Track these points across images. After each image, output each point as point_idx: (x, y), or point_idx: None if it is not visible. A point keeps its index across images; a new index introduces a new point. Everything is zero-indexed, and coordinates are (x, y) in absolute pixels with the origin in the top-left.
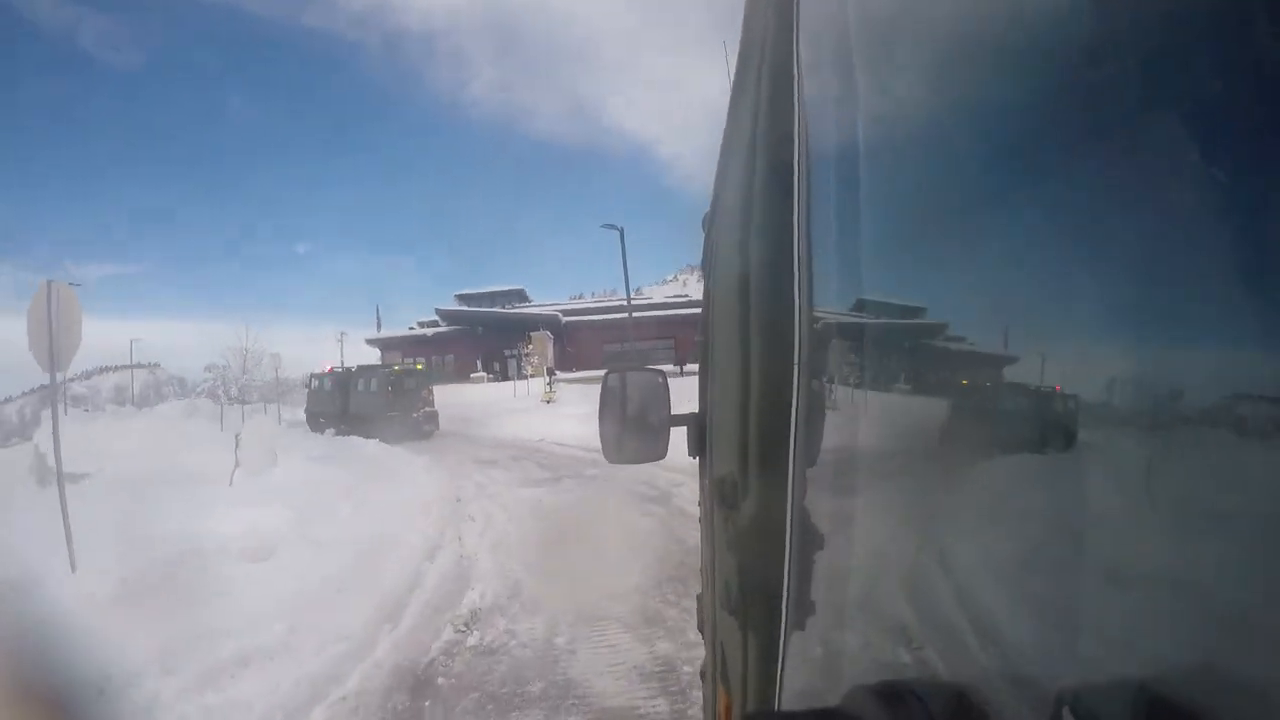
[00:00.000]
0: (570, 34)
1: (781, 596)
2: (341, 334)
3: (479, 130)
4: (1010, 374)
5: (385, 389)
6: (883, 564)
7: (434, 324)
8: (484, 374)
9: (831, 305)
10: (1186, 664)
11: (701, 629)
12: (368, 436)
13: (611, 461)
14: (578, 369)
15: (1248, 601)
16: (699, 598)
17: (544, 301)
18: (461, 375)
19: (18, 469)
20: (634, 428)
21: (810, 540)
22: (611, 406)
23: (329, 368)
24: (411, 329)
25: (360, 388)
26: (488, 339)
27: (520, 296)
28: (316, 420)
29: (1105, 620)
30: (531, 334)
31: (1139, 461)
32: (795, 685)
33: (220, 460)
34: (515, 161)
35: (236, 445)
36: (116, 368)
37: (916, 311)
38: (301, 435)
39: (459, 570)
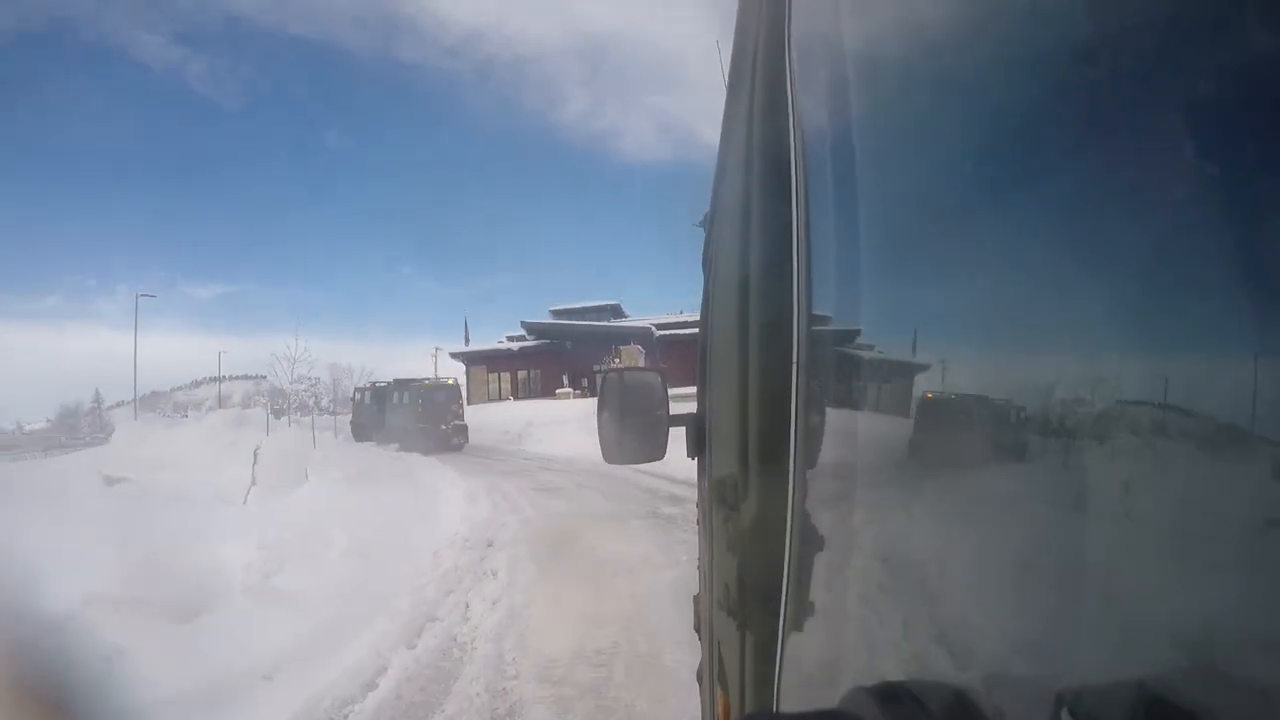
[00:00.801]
0: (656, 54)
1: (780, 597)
2: (435, 349)
3: (573, 151)
4: (1011, 373)
5: (415, 403)
6: (882, 565)
7: (521, 339)
8: (570, 389)
9: (831, 305)
10: (1186, 664)
11: (699, 630)
12: (403, 448)
13: (610, 462)
14: (671, 385)
15: (1248, 601)
16: (696, 599)
17: (640, 317)
18: (547, 391)
19: (70, 472)
20: (633, 428)
21: (810, 541)
22: (611, 407)
23: (371, 383)
24: (500, 343)
25: (395, 401)
26: (576, 354)
27: (615, 312)
28: (360, 430)
29: (1105, 620)
30: (621, 348)
31: (1140, 461)
32: (793, 686)
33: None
34: (610, 181)
35: (254, 462)
36: (228, 378)
37: (917, 311)
38: (344, 446)
39: (441, 670)
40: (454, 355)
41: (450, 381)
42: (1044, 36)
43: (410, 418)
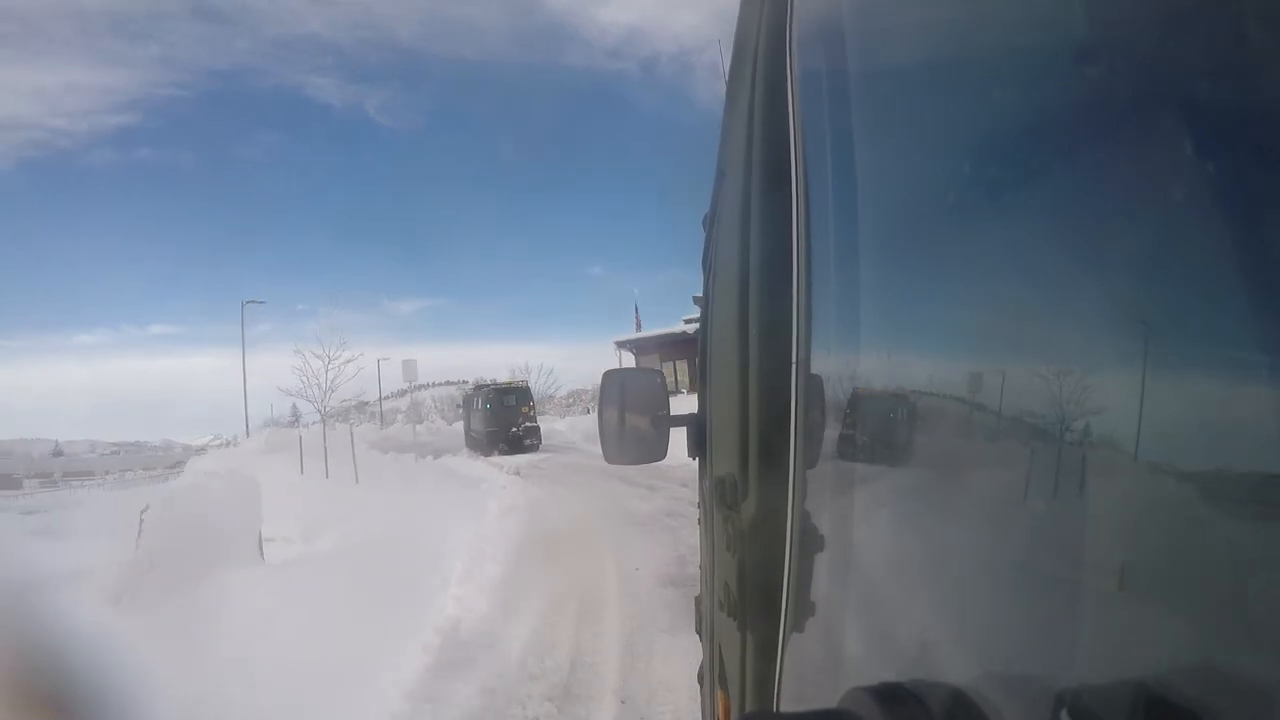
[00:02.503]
0: None
1: (781, 597)
2: (615, 342)
3: None
4: (1012, 373)
5: (485, 406)
6: (882, 565)
7: (695, 319)
8: None
9: (831, 305)
10: (1186, 664)
11: (699, 631)
12: (481, 453)
13: (610, 462)
14: None
15: (1248, 601)
16: (697, 599)
17: None
18: None
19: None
20: (633, 428)
21: (810, 541)
22: (611, 407)
23: (473, 387)
24: (674, 328)
25: (475, 405)
26: None
27: None
28: (466, 436)
29: (1106, 620)
30: None
31: (1141, 461)
32: (794, 686)
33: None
34: None
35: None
36: (430, 385)
37: (917, 311)
38: (413, 462)
39: None
40: (620, 343)
41: (521, 382)
42: (1049, 36)
43: (481, 421)
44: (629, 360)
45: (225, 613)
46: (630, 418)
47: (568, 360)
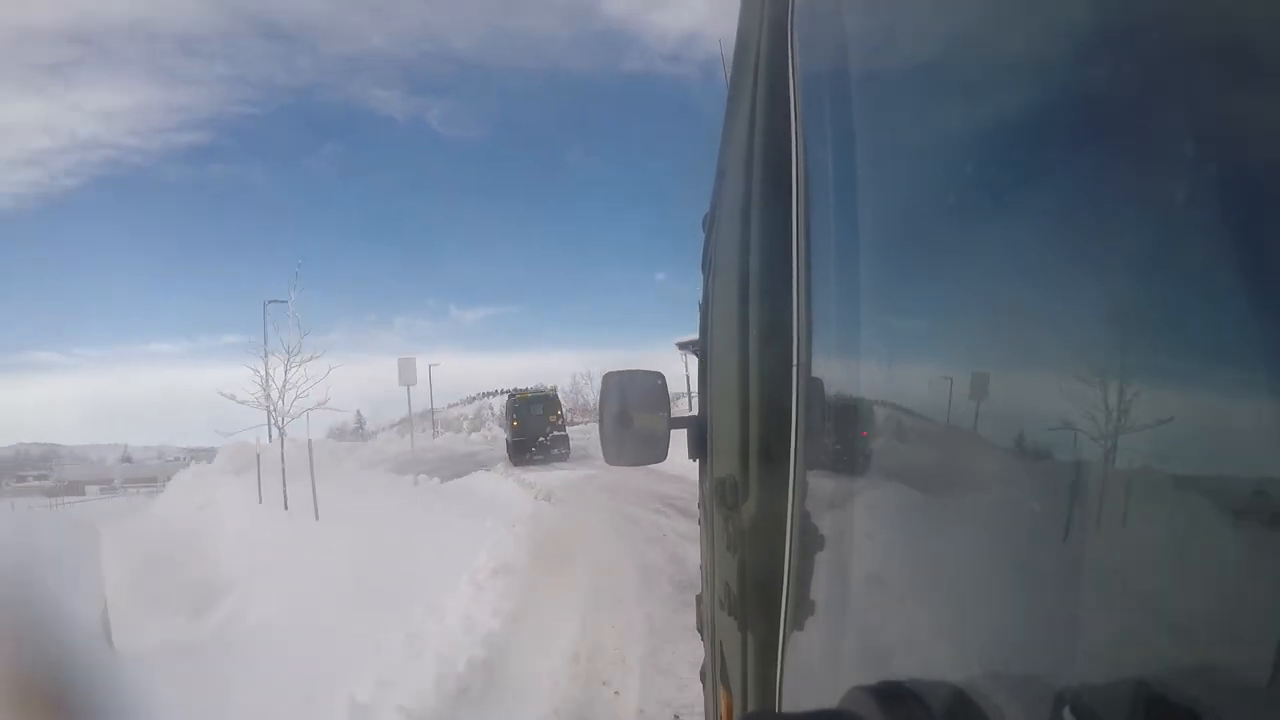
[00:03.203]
0: None
1: (781, 597)
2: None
3: None
4: (1012, 375)
5: (512, 416)
6: (883, 564)
7: None
8: None
9: (831, 305)
10: (1186, 664)
11: (701, 630)
12: (515, 463)
13: (611, 463)
14: None
15: (1248, 601)
16: (698, 599)
17: None
18: None
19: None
20: (634, 429)
21: (810, 541)
22: (611, 408)
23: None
24: None
25: (507, 414)
26: None
27: None
28: (506, 447)
29: (1107, 620)
30: None
31: (1142, 462)
32: (795, 685)
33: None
34: None
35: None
36: (498, 392)
37: (918, 311)
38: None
39: None
40: (681, 345)
41: (548, 390)
42: (1049, 36)
43: (510, 431)
44: (693, 362)
45: None
46: (631, 419)
47: (633, 365)
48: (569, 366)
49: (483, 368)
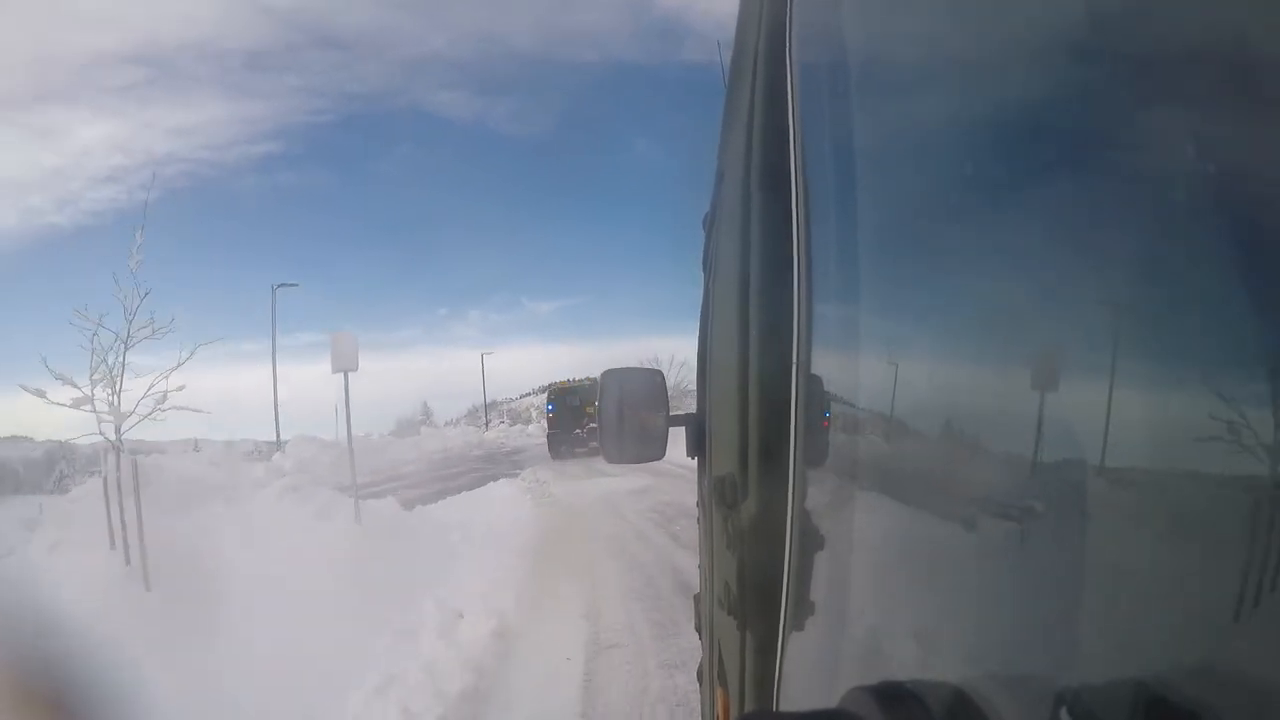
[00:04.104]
0: None
1: (780, 596)
2: None
3: None
4: (1012, 374)
5: (548, 409)
6: (883, 564)
7: None
8: None
9: (831, 305)
10: (1186, 664)
11: (699, 629)
12: (553, 455)
13: (610, 461)
14: None
15: (1248, 601)
16: (696, 598)
17: None
18: None
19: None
20: (633, 428)
21: (809, 540)
22: (610, 406)
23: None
24: None
25: (547, 407)
26: None
27: None
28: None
29: (1107, 620)
30: None
31: (1143, 462)
32: (793, 685)
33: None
34: None
35: None
36: (569, 380)
37: (918, 311)
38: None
39: None
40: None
41: (583, 381)
42: (1049, 35)
43: (547, 424)
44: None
45: None
46: (630, 417)
47: None
48: (639, 354)
49: (564, 358)
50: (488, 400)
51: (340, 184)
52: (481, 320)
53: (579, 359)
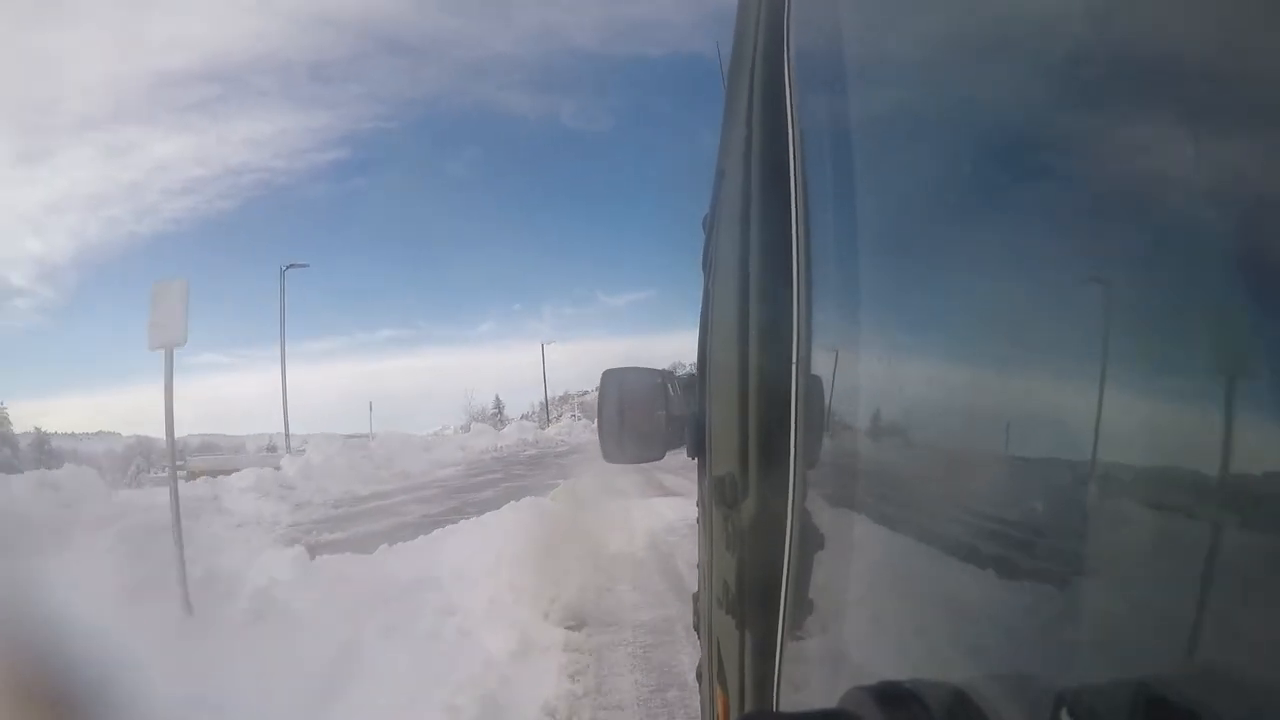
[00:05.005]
0: None
1: (780, 596)
2: None
3: None
4: (1012, 373)
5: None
6: (882, 564)
7: None
8: None
9: (831, 305)
10: (1186, 664)
11: (698, 629)
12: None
13: (610, 461)
14: None
15: (1248, 601)
16: (695, 598)
17: None
18: None
19: None
20: (632, 428)
21: (810, 540)
22: (610, 406)
23: None
24: None
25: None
26: None
27: None
28: None
29: (1107, 620)
30: None
31: (1143, 462)
32: (793, 685)
33: None
34: None
35: None
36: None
37: (917, 311)
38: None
39: None
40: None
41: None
42: (1047, 35)
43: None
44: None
45: None
46: (630, 417)
47: None
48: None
49: (639, 350)
50: (560, 394)
51: (410, 186)
52: (554, 314)
53: (654, 352)
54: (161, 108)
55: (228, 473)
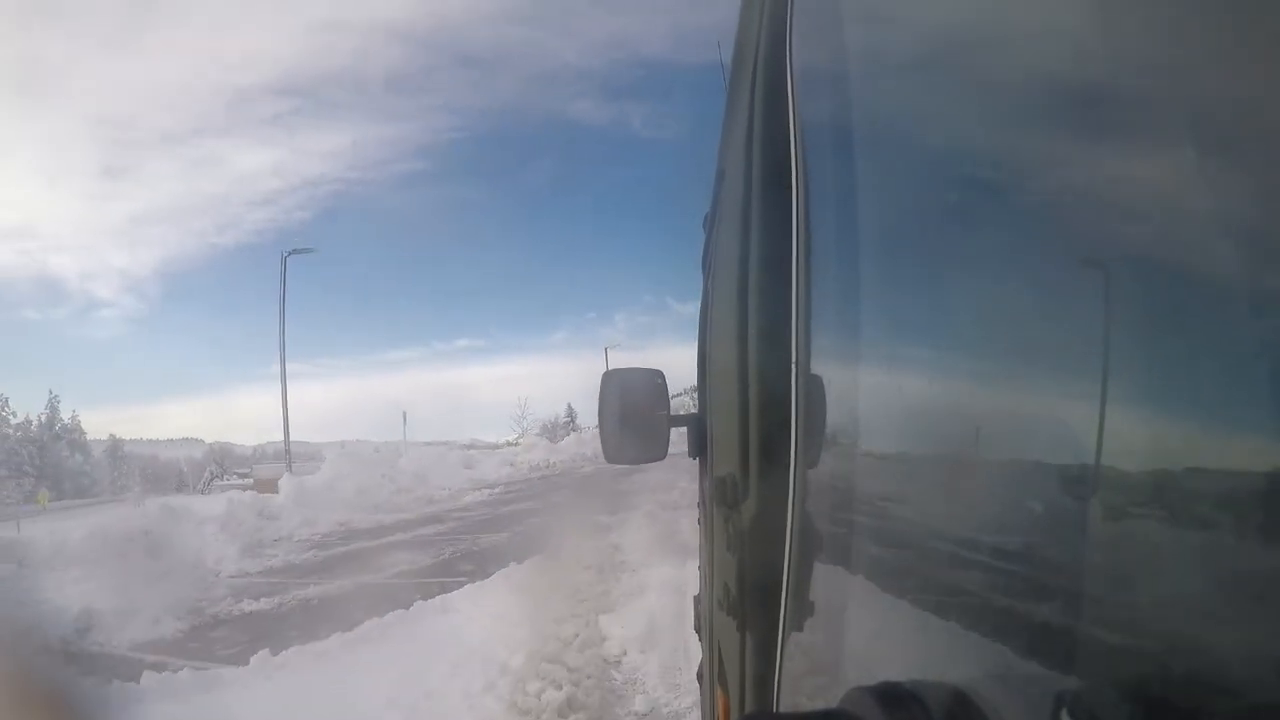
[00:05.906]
0: None
1: (780, 597)
2: None
3: None
4: (1012, 373)
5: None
6: (883, 564)
7: None
8: None
9: (831, 305)
10: (1187, 664)
11: (699, 630)
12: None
13: (611, 461)
14: None
15: (1248, 602)
16: (696, 598)
17: None
18: None
19: None
20: (633, 428)
21: (810, 541)
22: (611, 407)
23: None
24: None
25: None
26: None
27: None
28: None
29: (1107, 621)
30: None
31: (1143, 462)
32: (793, 686)
33: None
34: None
35: None
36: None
37: (918, 311)
38: None
39: None
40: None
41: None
42: (1048, 35)
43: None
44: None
45: None
46: (630, 417)
47: None
48: None
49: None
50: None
51: (484, 196)
52: (628, 321)
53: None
54: (239, 122)
55: None
